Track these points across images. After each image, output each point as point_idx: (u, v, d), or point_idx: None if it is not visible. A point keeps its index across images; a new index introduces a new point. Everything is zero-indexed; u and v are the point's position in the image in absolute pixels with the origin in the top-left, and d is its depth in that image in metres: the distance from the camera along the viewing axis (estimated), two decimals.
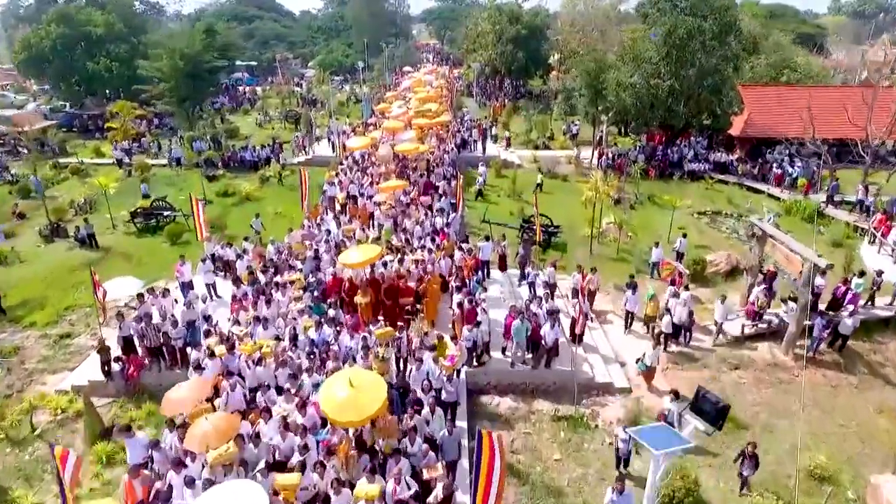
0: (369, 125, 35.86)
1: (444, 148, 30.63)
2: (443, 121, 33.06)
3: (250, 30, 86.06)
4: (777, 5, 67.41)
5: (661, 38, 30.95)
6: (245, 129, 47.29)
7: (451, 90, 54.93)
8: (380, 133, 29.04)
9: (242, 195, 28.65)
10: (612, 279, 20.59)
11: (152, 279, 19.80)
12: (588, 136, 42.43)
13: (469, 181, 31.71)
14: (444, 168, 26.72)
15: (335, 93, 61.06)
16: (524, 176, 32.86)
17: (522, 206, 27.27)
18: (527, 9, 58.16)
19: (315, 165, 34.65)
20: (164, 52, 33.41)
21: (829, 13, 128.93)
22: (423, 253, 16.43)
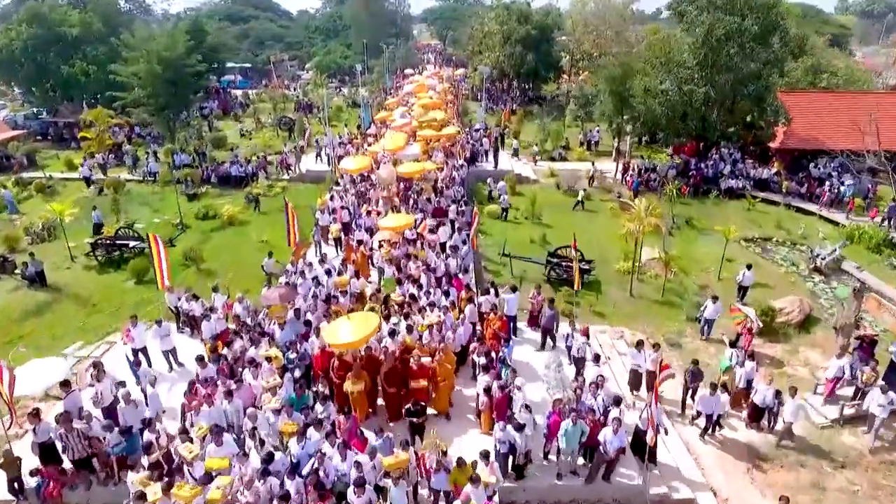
0: (368, 136, 32.40)
1: (452, 164, 27.18)
2: (451, 133, 29.60)
3: (245, 30, 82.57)
4: (801, 4, 63.95)
5: (698, 39, 27.50)
6: (234, 138, 43.85)
7: (456, 95, 51.49)
8: (380, 149, 25.50)
9: (225, 218, 25.15)
10: (661, 327, 17.18)
11: (104, 334, 16.37)
12: (606, 146, 39.29)
13: (480, 196, 28.40)
14: (454, 189, 23.24)
15: (332, 96, 57.58)
16: (543, 193, 29.43)
17: (544, 232, 23.80)
18: (536, 7, 54.71)
19: (309, 182, 31.32)
20: (140, 54, 29.92)
21: (835, 13, 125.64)
22: (437, 313, 12.96)
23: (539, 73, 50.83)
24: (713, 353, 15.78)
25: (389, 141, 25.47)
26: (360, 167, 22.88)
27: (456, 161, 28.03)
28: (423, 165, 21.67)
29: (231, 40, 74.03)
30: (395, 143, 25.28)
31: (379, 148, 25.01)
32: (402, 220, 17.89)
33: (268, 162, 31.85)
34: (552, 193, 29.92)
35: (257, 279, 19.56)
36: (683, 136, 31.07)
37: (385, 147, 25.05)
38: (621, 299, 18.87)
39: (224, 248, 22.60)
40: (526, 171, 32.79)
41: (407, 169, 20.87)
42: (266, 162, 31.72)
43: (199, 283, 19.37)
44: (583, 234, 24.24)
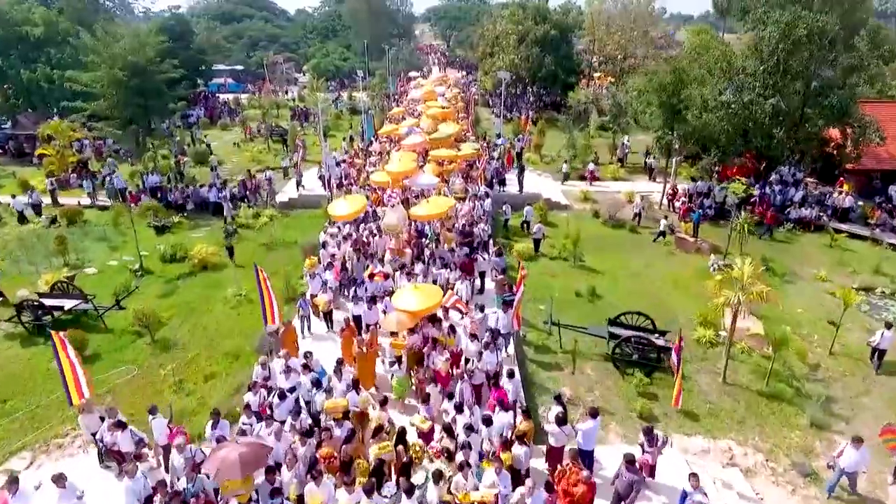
0: (370, 153, 27.68)
1: (475, 191, 22.53)
2: (470, 153, 24.88)
3: (237, 30, 77.91)
4: None
5: (769, 40, 22.83)
6: (223, 151, 39.14)
7: (467, 103, 46.76)
8: (384, 179, 20.65)
9: (197, 260, 20.41)
10: (778, 438, 12.48)
11: (5, 455, 11.68)
12: (634, 160, 34.62)
13: (502, 226, 23.77)
14: (480, 229, 18.50)
15: (329, 102, 52.90)
16: (580, 223, 24.73)
17: (593, 284, 19.04)
18: (555, 6, 50.04)
19: (302, 208, 26.60)
20: (101, 58, 25.18)
21: None
22: (491, 477, 8.24)
23: (558, 78, 46.14)
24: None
25: (397, 163, 20.74)
26: (355, 211, 17.04)
27: (478, 187, 23.34)
28: (443, 204, 16.69)
29: (221, 41, 69.46)
30: (403, 166, 20.56)
31: (383, 177, 20.16)
32: (415, 305, 12.69)
33: (253, 183, 27.04)
34: (591, 223, 25.22)
35: (232, 357, 14.92)
36: (742, 154, 26.39)
37: (391, 171, 20.28)
38: (713, 389, 14.14)
39: (191, 306, 17.86)
40: (555, 194, 28.07)
41: (423, 211, 16.01)
42: (252, 183, 26.94)
43: (148, 363, 14.71)
44: (638, 281, 19.75)
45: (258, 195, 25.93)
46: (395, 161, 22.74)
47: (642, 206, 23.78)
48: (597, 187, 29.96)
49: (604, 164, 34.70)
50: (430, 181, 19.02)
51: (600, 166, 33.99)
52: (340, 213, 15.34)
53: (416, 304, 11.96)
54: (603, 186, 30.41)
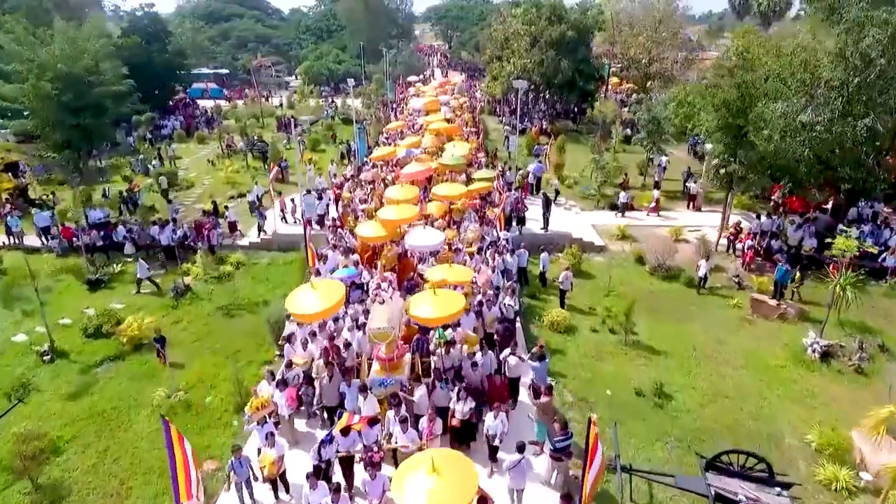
0: (360, 183, 22.67)
1: (492, 236, 17.58)
2: (485, 186, 19.86)
3: (224, 30, 72.85)
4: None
5: (869, 41, 17.87)
6: (195, 168, 34.19)
7: (474, 112, 41.82)
8: (378, 237, 15.50)
9: (126, 339, 15.42)
10: None
11: None
12: (671, 182, 29.66)
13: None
14: (506, 306, 13.52)
15: (322, 109, 47.85)
16: (622, 272, 19.88)
17: (654, 372, 14.17)
18: (572, 4, 45.09)
19: (277, 250, 21.63)
20: (24, 66, 20.14)
21: None
22: None
23: (575, 84, 41.17)
24: None
25: (395, 210, 15.68)
26: (327, 308, 10.61)
27: (497, 233, 18.38)
28: (454, 302, 10.94)
29: (206, 42, 64.54)
30: (402, 214, 15.56)
31: (372, 231, 14.98)
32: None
33: (209, 221, 22.04)
34: (634, 272, 20.29)
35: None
36: (821, 186, 21.51)
37: (386, 220, 15.26)
38: None
39: (105, 417, 12.89)
40: (586, 232, 23.10)
41: (429, 312, 10.40)
42: (209, 222, 21.96)
43: None
44: (714, 368, 14.74)
45: (212, 237, 20.87)
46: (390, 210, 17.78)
47: (708, 267, 18.58)
48: (633, 219, 25.01)
49: (634, 187, 29.84)
50: (434, 240, 14.02)
51: (631, 190, 29.10)
52: (307, 310, 10.18)
53: None
54: (639, 218, 25.48)
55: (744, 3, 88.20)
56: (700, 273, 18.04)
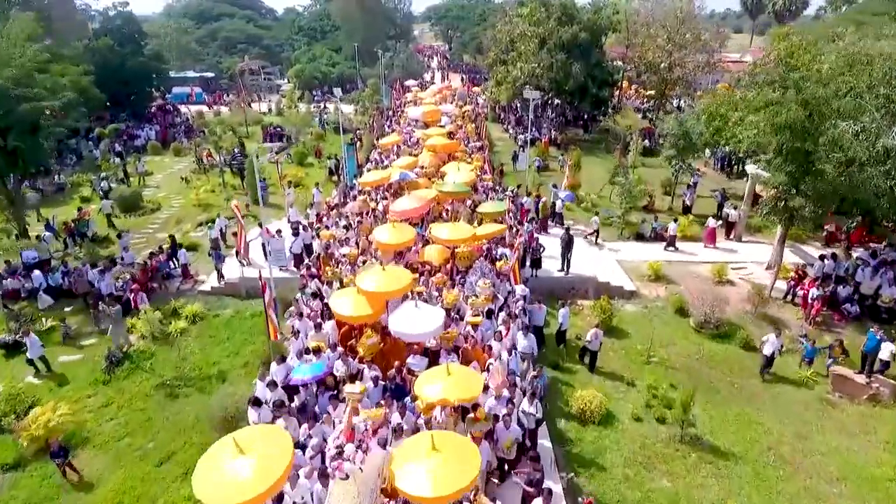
0: (345, 216, 19.00)
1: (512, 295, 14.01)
2: (496, 230, 16.02)
3: (212, 31, 69.19)
4: None
5: None
6: (166, 187, 30.57)
7: (478, 118, 38.20)
8: (359, 316, 11.68)
9: (37, 431, 11.79)
10: None
11: None
12: (702, 202, 26.07)
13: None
14: (523, 418, 9.88)
15: (313, 116, 44.20)
16: (661, 328, 16.31)
17: (724, 489, 10.60)
18: (584, 3, 41.45)
19: (244, 298, 17.96)
20: None
21: None
22: None
23: (588, 90, 37.55)
24: None
25: (381, 279, 11.86)
26: (268, 489, 6.43)
27: (510, 286, 14.76)
28: (468, 464, 7.29)
29: (192, 44, 60.98)
30: (390, 282, 11.79)
31: (352, 308, 11.15)
32: None
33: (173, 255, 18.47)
34: (676, 327, 16.69)
35: None
36: None
37: (371, 291, 11.52)
38: None
39: None
40: (614, 273, 19.46)
41: (425, 489, 6.87)
42: (163, 258, 18.39)
43: None
44: (800, 485, 11.02)
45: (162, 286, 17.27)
46: (383, 234, 14.17)
47: (779, 345, 14.26)
48: (665, 253, 21.39)
49: (660, 210, 26.27)
50: (429, 327, 10.31)
51: (654, 211, 25.58)
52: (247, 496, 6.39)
53: None
54: (670, 251, 21.85)
55: (757, 3, 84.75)
56: (766, 351, 14.09)
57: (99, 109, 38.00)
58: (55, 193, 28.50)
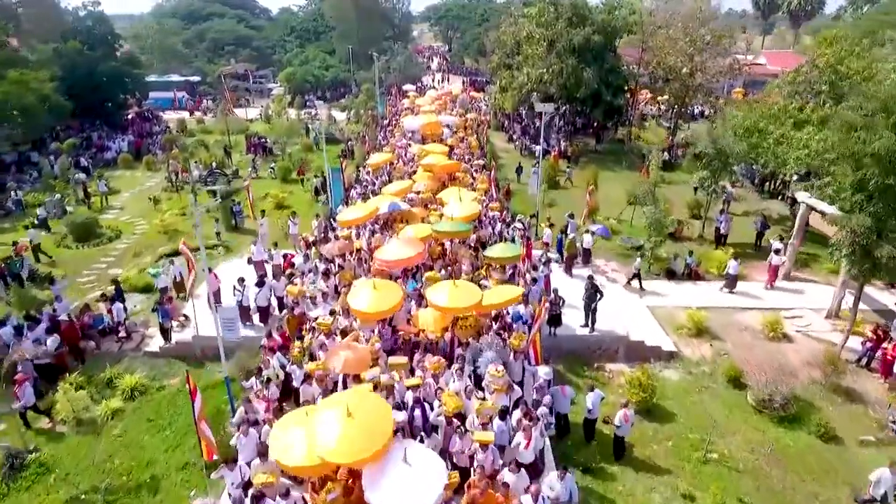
0: (325, 259, 15.68)
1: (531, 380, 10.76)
2: (511, 296, 12.38)
3: (200, 32, 65.86)
4: None
5: None
6: (131, 209, 27.30)
7: (481, 127, 34.92)
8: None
9: None
10: None
11: None
12: (739, 232, 22.80)
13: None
14: None
15: (304, 125, 40.86)
16: (710, 406, 13.04)
17: None
18: (595, 2, 38.18)
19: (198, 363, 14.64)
20: None
21: None
22: None
23: (602, 98, 34.29)
24: None
25: (363, 429, 8.40)
26: None
27: (526, 364, 11.46)
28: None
29: (178, 45, 57.71)
30: (368, 440, 8.36)
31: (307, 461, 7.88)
32: None
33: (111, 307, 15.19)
34: (733, 405, 13.40)
35: None
36: None
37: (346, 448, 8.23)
38: None
39: None
40: (647, 328, 16.15)
41: None
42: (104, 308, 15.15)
43: None
44: None
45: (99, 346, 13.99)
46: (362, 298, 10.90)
47: (893, 482, 9.85)
48: (701, 294, 18.11)
49: (689, 237, 23.01)
50: (430, 498, 6.94)
51: (683, 238, 22.35)
52: None
53: None
54: (708, 291, 18.56)
55: (769, 2, 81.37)
56: (877, 493, 10.01)
57: (66, 118, 34.81)
58: (4, 217, 25.23)
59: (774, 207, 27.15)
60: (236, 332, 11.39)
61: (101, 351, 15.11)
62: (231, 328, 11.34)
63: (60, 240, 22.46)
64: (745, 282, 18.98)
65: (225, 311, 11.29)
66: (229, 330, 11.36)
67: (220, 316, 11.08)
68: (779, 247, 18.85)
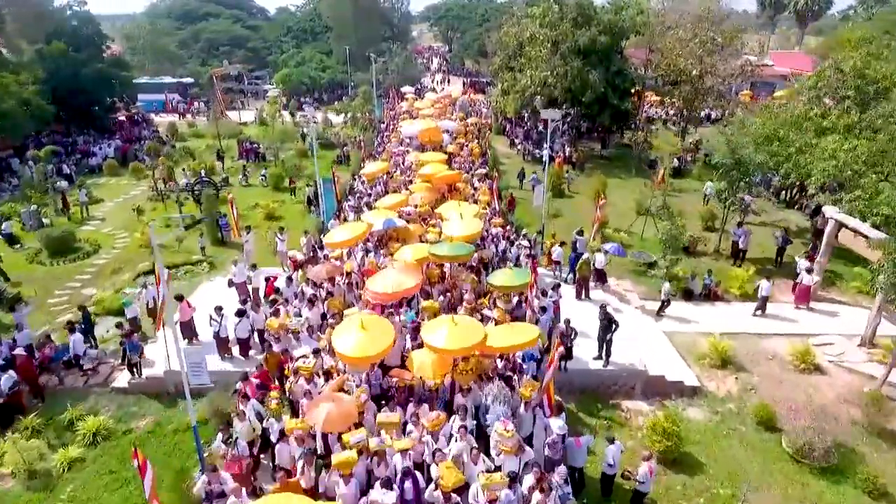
0: (315, 286, 14.23)
1: None
2: (528, 340, 10.44)
3: (195, 32, 64.42)
4: None
5: None
6: (112, 220, 25.85)
7: (481, 131, 33.50)
8: None
9: None
10: None
11: None
12: (759, 246, 21.33)
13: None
14: None
15: (300, 128, 39.46)
16: (739, 453, 11.58)
17: None
18: (601, 1, 36.73)
19: (170, 401, 13.21)
20: None
21: None
22: None
23: (608, 101, 32.84)
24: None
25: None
26: None
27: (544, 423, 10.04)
28: None
29: (171, 46, 56.28)
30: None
31: None
32: None
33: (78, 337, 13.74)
34: (766, 452, 11.95)
35: None
36: None
37: None
38: None
39: None
40: (667, 361, 14.71)
41: None
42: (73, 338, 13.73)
43: None
44: None
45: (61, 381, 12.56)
46: (348, 341, 9.51)
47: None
48: (722, 318, 16.70)
49: (705, 252, 21.57)
50: None
51: (698, 254, 20.90)
52: None
53: None
54: (729, 314, 17.15)
55: (775, 2, 79.83)
56: None
57: (50, 123, 33.40)
58: None
59: (792, 218, 25.73)
60: (203, 376, 9.96)
61: (64, 387, 13.68)
62: (198, 372, 9.91)
63: (34, 255, 21.02)
64: (768, 303, 17.53)
65: (191, 353, 9.85)
66: (195, 374, 9.93)
67: (185, 360, 9.65)
68: (808, 266, 17.43)
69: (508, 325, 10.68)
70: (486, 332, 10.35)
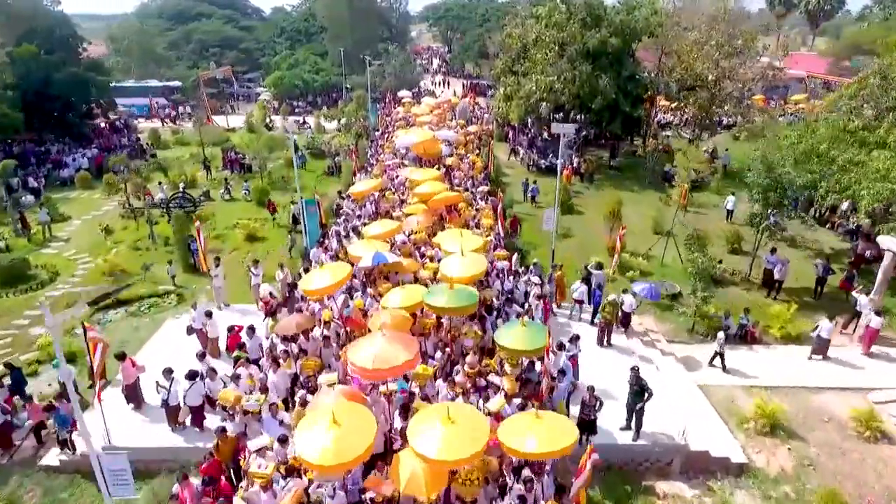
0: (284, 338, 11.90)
1: None
2: (551, 451, 8.18)
3: (186, 33, 62.10)
4: None
5: None
6: (78, 241, 23.51)
7: (481, 140, 31.12)
8: None
9: None
10: None
11: None
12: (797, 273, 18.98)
13: None
14: None
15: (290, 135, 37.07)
16: None
17: None
18: (612, 1, 34.44)
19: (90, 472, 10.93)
20: None
21: None
22: None
23: (619, 108, 30.53)
24: None
25: None
26: None
27: None
28: None
29: (160, 48, 53.98)
30: None
31: None
32: None
33: None
34: None
35: None
36: None
37: None
38: None
39: None
40: (707, 428, 12.37)
41: None
42: None
43: None
44: None
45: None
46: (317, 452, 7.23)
47: None
48: (764, 365, 14.39)
49: (734, 282, 19.26)
50: None
51: (722, 282, 18.55)
52: None
53: None
54: (771, 360, 14.84)
55: (786, 2, 77.44)
56: None
57: (20, 131, 31.07)
58: None
59: (824, 239, 23.43)
60: (129, 487, 7.66)
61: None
62: (122, 482, 7.59)
63: None
64: (804, 346, 15.26)
65: (113, 460, 7.51)
66: (121, 486, 7.60)
67: (105, 467, 7.33)
68: (875, 304, 15.12)
69: (533, 417, 8.13)
70: (497, 418, 8.00)
